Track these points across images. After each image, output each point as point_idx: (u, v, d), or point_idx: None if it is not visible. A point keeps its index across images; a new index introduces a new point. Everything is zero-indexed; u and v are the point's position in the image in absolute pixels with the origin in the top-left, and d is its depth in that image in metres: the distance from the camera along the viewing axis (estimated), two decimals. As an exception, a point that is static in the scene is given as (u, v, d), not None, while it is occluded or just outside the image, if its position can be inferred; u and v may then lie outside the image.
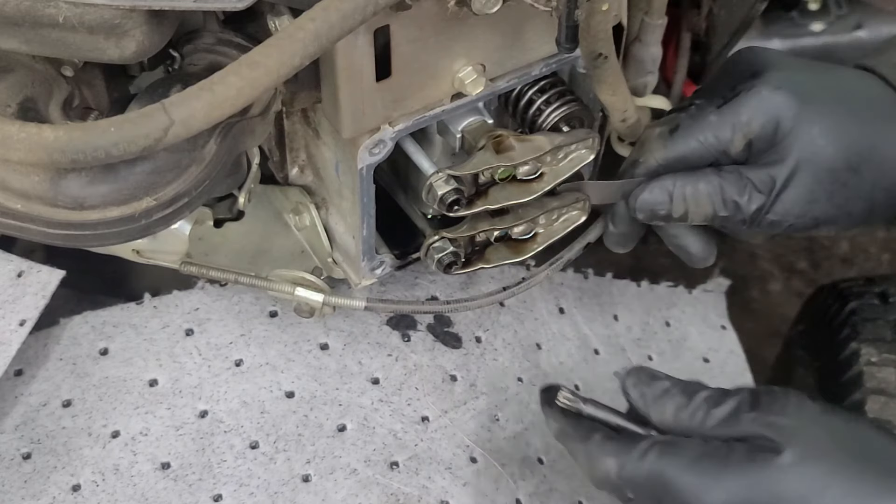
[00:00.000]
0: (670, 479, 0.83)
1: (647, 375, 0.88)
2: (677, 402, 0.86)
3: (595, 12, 0.80)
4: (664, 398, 0.86)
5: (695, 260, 1.01)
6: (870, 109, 0.93)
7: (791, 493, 0.80)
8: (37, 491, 0.96)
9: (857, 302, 1.23)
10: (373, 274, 1.02)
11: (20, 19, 0.74)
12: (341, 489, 0.97)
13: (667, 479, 0.83)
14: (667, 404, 0.86)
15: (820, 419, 0.83)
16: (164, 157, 0.78)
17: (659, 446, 0.84)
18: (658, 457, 0.83)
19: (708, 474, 0.82)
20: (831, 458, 0.81)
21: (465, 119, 0.94)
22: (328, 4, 0.73)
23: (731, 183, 0.92)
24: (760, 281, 1.88)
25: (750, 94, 0.91)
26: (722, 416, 0.84)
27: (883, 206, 0.93)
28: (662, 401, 0.86)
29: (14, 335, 1.01)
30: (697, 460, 0.82)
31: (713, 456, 0.82)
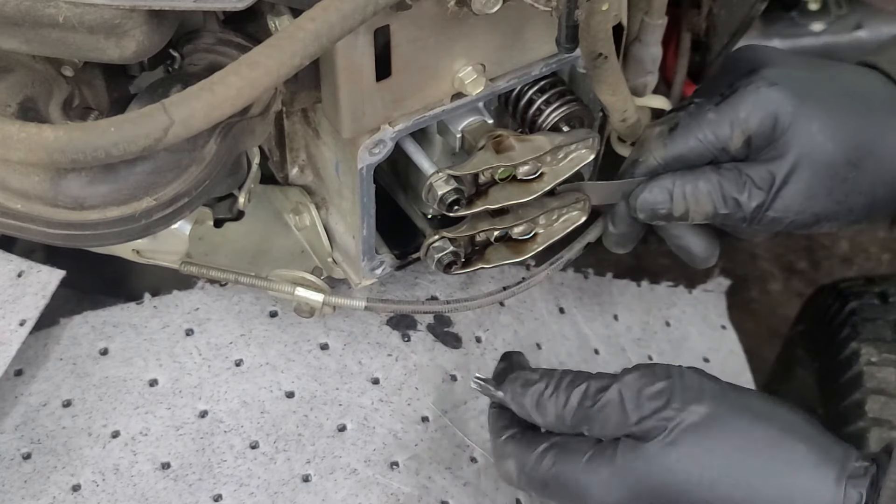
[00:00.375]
0: (565, 481, 0.85)
1: (520, 384, 0.89)
2: (556, 404, 0.87)
3: (595, 12, 0.80)
4: (543, 402, 0.87)
5: (697, 260, 1.01)
6: (869, 104, 0.93)
7: (676, 480, 0.81)
8: (37, 491, 0.96)
9: (857, 302, 1.23)
10: (373, 274, 1.02)
11: (20, 19, 0.74)
12: (341, 489, 0.97)
13: (562, 482, 0.85)
14: (547, 408, 0.87)
15: (708, 397, 0.84)
16: (164, 157, 0.78)
17: (554, 450, 0.86)
18: (553, 461, 0.85)
19: (599, 473, 0.83)
20: (711, 438, 0.82)
21: (465, 119, 0.94)
22: (328, 4, 0.73)
23: (730, 180, 0.92)
24: (760, 281, 1.88)
25: (747, 90, 0.91)
26: (603, 416, 0.85)
27: (884, 201, 0.93)
28: (542, 405, 0.87)
29: (14, 335, 1.01)
30: (589, 461, 0.84)
31: (603, 454, 0.84)
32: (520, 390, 0.89)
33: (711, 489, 0.81)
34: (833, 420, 1.24)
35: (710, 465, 0.81)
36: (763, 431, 0.83)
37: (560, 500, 0.87)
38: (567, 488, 0.85)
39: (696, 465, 0.81)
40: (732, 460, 0.81)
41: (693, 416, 0.82)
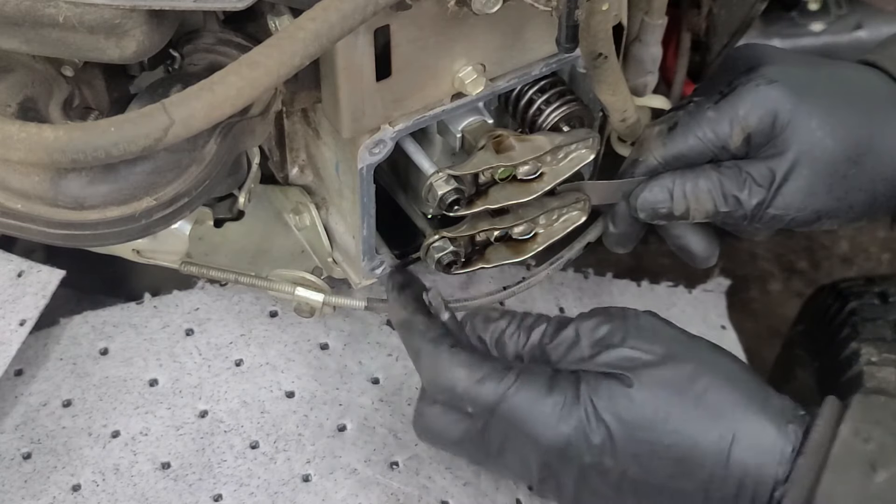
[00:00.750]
0: (517, 407, 0.84)
1: (481, 320, 0.89)
2: (516, 342, 0.87)
3: (595, 12, 0.80)
4: (503, 339, 0.88)
5: (697, 260, 1.01)
6: (869, 101, 0.93)
7: (634, 413, 0.82)
8: (37, 491, 0.96)
9: (857, 302, 1.23)
10: (373, 274, 1.02)
11: (20, 19, 0.74)
12: (341, 489, 0.97)
13: (514, 407, 0.84)
14: (507, 345, 0.88)
15: (661, 339, 0.85)
16: (164, 157, 0.78)
17: (514, 372, 0.85)
18: (512, 382, 0.84)
19: (555, 408, 0.83)
20: (666, 376, 0.83)
21: (465, 119, 0.94)
22: (328, 4, 0.73)
23: (730, 178, 0.92)
24: (760, 281, 1.87)
25: (746, 88, 0.91)
26: (559, 352, 0.86)
27: (884, 197, 0.93)
28: (502, 342, 0.88)
29: (14, 335, 1.01)
30: (548, 392, 0.84)
31: (560, 388, 0.84)
32: (481, 325, 0.89)
33: (665, 423, 0.81)
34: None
35: (665, 401, 0.82)
36: (712, 376, 0.83)
37: (505, 424, 0.85)
38: (516, 415, 0.84)
39: (653, 398, 0.82)
40: (685, 398, 0.82)
41: (649, 355, 0.83)
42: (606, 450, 0.82)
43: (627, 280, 1.24)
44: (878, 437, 0.78)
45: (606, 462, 0.83)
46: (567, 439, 0.83)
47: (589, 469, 0.83)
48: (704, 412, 0.82)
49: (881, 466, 0.77)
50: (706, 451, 0.81)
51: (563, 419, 0.83)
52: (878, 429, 0.79)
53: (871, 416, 0.80)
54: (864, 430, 0.79)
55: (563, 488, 0.85)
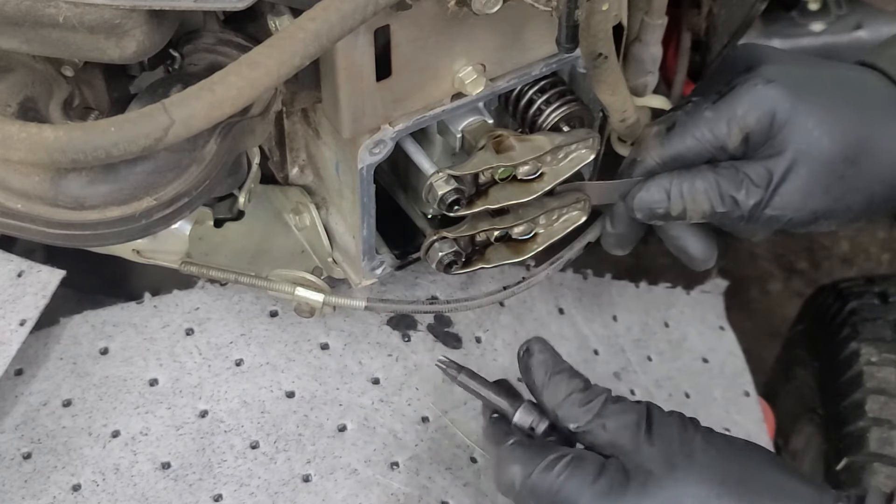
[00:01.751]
0: (571, 497, 0.83)
1: (551, 356, 0.89)
2: (572, 387, 0.86)
3: (595, 12, 0.80)
4: (560, 379, 0.87)
5: (695, 262, 1.01)
6: (867, 102, 0.93)
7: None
8: (37, 491, 0.96)
9: (857, 302, 1.23)
10: (373, 274, 1.02)
11: (20, 19, 0.74)
12: (342, 489, 0.97)
13: (567, 497, 0.83)
14: (560, 386, 0.87)
15: (706, 444, 0.84)
16: (164, 157, 0.78)
17: (565, 461, 0.84)
18: (562, 471, 0.84)
19: (607, 497, 0.82)
20: (717, 483, 0.82)
21: (465, 119, 0.94)
22: (328, 4, 0.73)
23: (727, 178, 0.92)
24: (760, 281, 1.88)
25: (744, 87, 0.91)
26: (616, 425, 0.84)
27: (882, 198, 0.93)
28: (554, 383, 0.87)
29: (14, 335, 1.01)
30: (597, 480, 0.83)
31: (613, 478, 0.83)
32: (548, 357, 0.88)
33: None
34: (833, 420, 1.24)
35: (711, 495, 0.81)
36: (758, 473, 0.83)
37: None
38: (571, 497, 0.83)
39: (697, 493, 0.81)
40: (736, 496, 0.81)
41: (698, 453, 0.83)
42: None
43: (626, 281, 1.24)
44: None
45: None
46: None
47: None
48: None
49: None
50: None
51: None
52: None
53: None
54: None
55: None
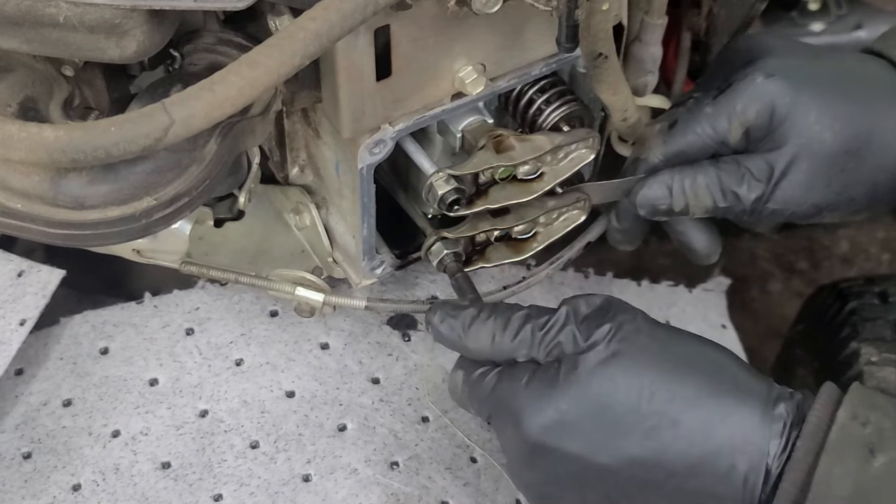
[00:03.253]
0: (505, 400, 0.83)
1: (451, 306, 0.87)
2: (492, 329, 0.85)
3: (595, 12, 0.80)
4: (476, 326, 0.85)
5: (699, 256, 1.01)
6: (869, 93, 0.92)
7: (619, 402, 0.80)
8: (37, 490, 0.96)
9: (857, 302, 1.23)
10: (373, 274, 1.02)
11: (20, 19, 0.74)
12: (341, 489, 0.97)
13: (502, 401, 0.83)
14: (481, 333, 0.85)
15: (645, 329, 0.83)
16: (164, 157, 0.78)
17: (497, 370, 0.85)
18: (496, 380, 0.84)
19: (538, 394, 0.81)
20: (658, 366, 0.80)
21: (465, 119, 0.94)
22: (328, 4, 0.73)
23: (729, 173, 0.92)
24: (760, 281, 1.88)
25: (744, 82, 0.91)
26: (542, 340, 0.83)
27: (886, 189, 0.93)
28: (476, 330, 0.86)
29: (14, 335, 1.01)
30: (528, 382, 0.82)
31: (543, 377, 0.82)
32: (451, 312, 0.87)
33: (650, 401, 0.79)
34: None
35: (649, 378, 0.80)
36: (697, 355, 0.82)
37: (500, 420, 0.85)
38: (507, 407, 0.83)
39: (637, 376, 0.80)
40: (671, 376, 0.80)
41: (632, 331, 0.82)
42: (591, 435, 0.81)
43: (628, 279, 1.24)
44: (875, 421, 0.78)
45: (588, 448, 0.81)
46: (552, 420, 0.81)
47: (572, 456, 0.81)
48: (692, 389, 0.80)
49: (879, 451, 0.76)
50: (691, 430, 0.79)
51: (546, 409, 0.81)
52: (876, 413, 0.78)
53: (869, 400, 0.79)
54: (861, 414, 0.78)
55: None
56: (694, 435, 0.79)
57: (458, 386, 0.87)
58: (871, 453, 0.77)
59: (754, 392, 0.80)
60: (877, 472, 0.76)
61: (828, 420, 0.78)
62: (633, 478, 0.80)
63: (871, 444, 0.77)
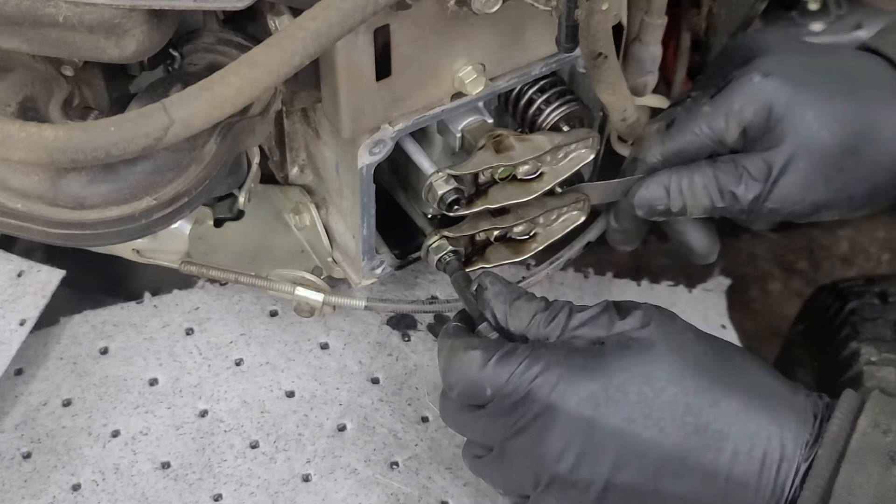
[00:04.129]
0: (531, 381, 0.80)
1: (503, 284, 0.86)
2: (535, 308, 0.84)
3: (595, 12, 0.80)
4: (521, 302, 0.84)
5: (697, 256, 1.01)
6: (867, 91, 0.92)
7: (661, 387, 0.79)
8: (37, 490, 0.96)
9: (857, 302, 1.23)
10: (373, 273, 1.02)
11: (20, 19, 0.74)
12: (341, 489, 0.97)
13: (527, 381, 0.80)
14: (524, 308, 0.84)
15: (675, 326, 0.82)
16: (164, 157, 0.78)
17: (524, 347, 0.81)
18: (525, 358, 0.80)
19: (567, 376, 0.79)
20: (693, 362, 0.80)
21: (465, 119, 0.94)
22: (328, 4, 0.73)
23: (726, 173, 0.92)
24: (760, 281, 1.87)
25: (741, 81, 0.91)
26: (580, 322, 0.82)
27: (884, 186, 0.93)
28: (521, 304, 0.84)
29: (14, 334, 1.01)
30: (558, 362, 0.80)
31: (573, 358, 0.80)
32: (503, 281, 0.86)
33: (693, 400, 0.79)
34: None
35: (691, 383, 0.79)
36: (734, 365, 0.82)
37: (520, 398, 0.80)
38: (530, 388, 0.80)
39: (679, 375, 0.79)
40: (709, 377, 0.80)
41: (672, 331, 0.81)
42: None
43: (628, 279, 1.24)
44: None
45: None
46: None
47: (612, 430, 0.79)
48: (730, 403, 0.79)
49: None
50: (733, 436, 0.78)
51: (573, 390, 0.79)
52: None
53: (891, 408, 0.79)
54: (883, 422, 0.78)
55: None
56: (731, 442, 0.78)
57: (478, 362, 0.81)
58: (893, 461, 0.77)
59: (793, 403, 0.80)
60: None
61: (849, 428, 0.78)
62: (665, 466, 0.79)
63: (893, 453, 0.77)
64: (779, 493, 0.78)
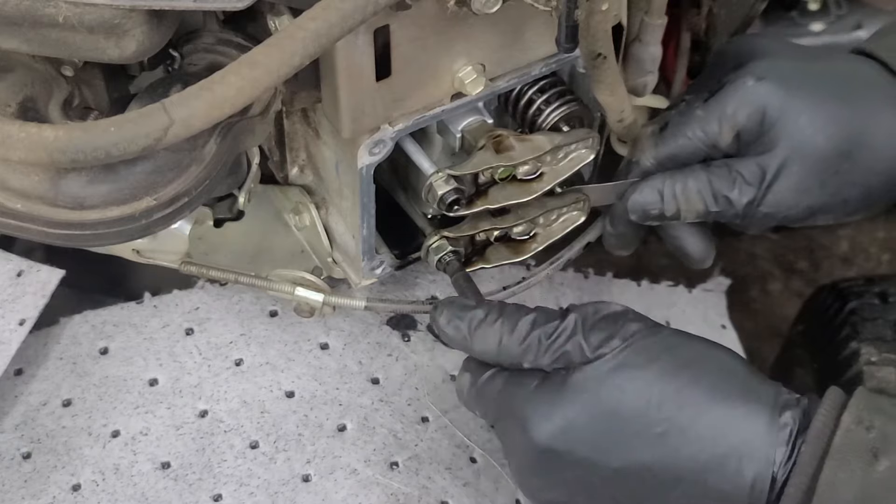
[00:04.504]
0: (512, 406, 0.82)
1: (458, 307, 0.86)
2: (499, 332, 0.83)
3: (594, 12, 0.80)
4: (484, 328, 0.84)
5: (693, 261, 1.01)
6: (861, 95, 0.92)
7: (628, 409, 0.79)
8: (37, 490, 0.96)
9: (857, 302, 1.23)
10: (373, 274, 1.02)
11: (20, 19, 0.74)
12: (341, 489, 0.97)
13: (509, 406, 0.83)
14: (488, 335, 0.84)
15: (653, 338, 0.82)
16: (164, 157, 0.78)
17: (505, 374, 0.83)
18: (503, 385, 0.83)
19: (546, 400, 0.81)
20: (666, 375, 0.80)
21: (464, 119, 0.94)
22: (328, 4, 0.73)
23: (720, 177, 0.92)
24: (760, 281, 1.88)
25: (734, 85, 0.91)
26: (549, 347, 0.82)
27: (879, 190, 0.93)
28: (483, 332, 0.84)
29: (14, 334, 1.01)
30: (538, 388, 0.81)
31: (550, 384, 0.81)
32: (458, 313, 0.85)
33: (659, 409, 0.79)
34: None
35: (658, 388, 0.79)
36: (705, 361, 0.82)
37: (506, 424, 0.84)
38: (514, 412, 0.82)
39: (646, 385, 0.79)
40: (679, 383, 0.80)
41: (640, 340, 0.81)
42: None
43: (627, 280, 1.24)
44: (880, 425, 0.77)
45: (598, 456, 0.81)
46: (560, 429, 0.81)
47: (580, 461, 0.81)
48: (701, 397, 0.80)
49: (883, 455, 0.76)
50: (700, 437, 0.79)
51: (552, 416, 0.81)
52: (881, 417, 0.78)
53: (874, 404, 0.79)
54: (866, 418, 0.78)
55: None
56: (702, 441, 0.79)
57: (465, 388, 0.86)
58: (876, 457, 0.77)
59: (762, 399, 0.80)
60: (881, 476, 0.76)
61: (832, 425, 0.78)
62: (642, 483, 0.80)
63: (876, 449, 0.77)
64: (758, 496, 0.78)
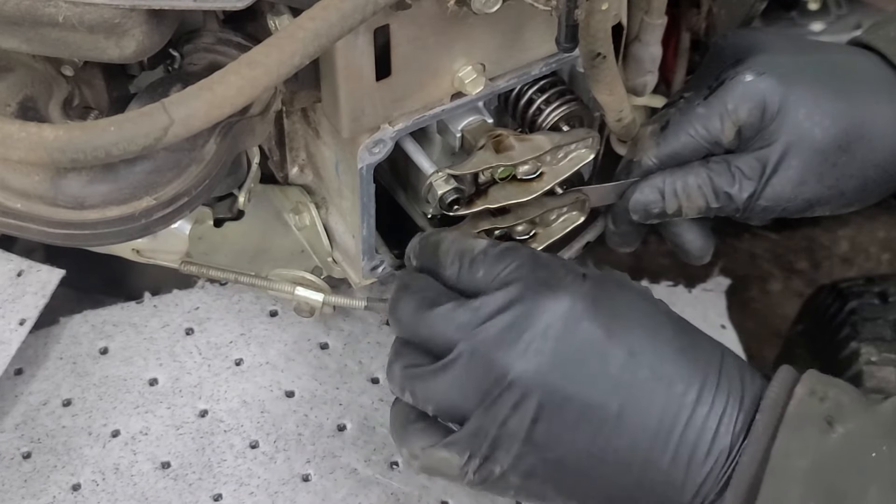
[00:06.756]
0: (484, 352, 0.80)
1: (431, 240, 0.87)
2: (459, 263, 0.84)
3: (594, 12, 0.80)
4: (447, 258, 0.85)
5: (692, 257, 1.01)
6: (859, 87, 0.92)
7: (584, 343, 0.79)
8: (37, 490, 0.96)
9: (857, 302, 1.23)
10: (373, 273, 1.02)
11: (20, 19, 0.74)
12: (341, 489, 0.97)
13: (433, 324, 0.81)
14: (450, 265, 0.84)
15: (583, 277, 0.82)
16: (163, 157, 0.78)
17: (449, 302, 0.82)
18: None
19: (512, 342, 0.79)
20: (586, 306, 0.79)
21: (464, 118, 0.94)
22: (328, 4, 0.73)
23: (719, 173, 0.92)
24: (760, 281, 1.87)
25: (734, 81, 0.92)
26: (503, 277, 0.81)
27: (876, 183, 0.93)
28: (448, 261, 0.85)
29: (14, 334, 1.01)
30: (504, 330, 0.79)
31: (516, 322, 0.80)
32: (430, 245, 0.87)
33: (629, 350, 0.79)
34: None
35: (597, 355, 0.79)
36: (643, 311, 0.82)
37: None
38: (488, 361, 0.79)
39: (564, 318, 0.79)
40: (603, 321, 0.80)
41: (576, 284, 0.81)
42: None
43: (627, 280, 1.24)
44: (833, 396, 0.78)
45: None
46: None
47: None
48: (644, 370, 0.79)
49: (838, 422, 0.76)
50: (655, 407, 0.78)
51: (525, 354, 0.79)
52: (834, 389, 0.79)
53: (826, 379, 0.80)
54: (819, 390, 0.78)
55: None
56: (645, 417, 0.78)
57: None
58: (830, 425, 0.77)
59: (706, 365, 0.80)
60: (836, 442, 0.76)
61: (785, 396, 0.78)
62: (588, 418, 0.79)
63: (830, 417, 0.77)
64: (714, 471, 0.77)
